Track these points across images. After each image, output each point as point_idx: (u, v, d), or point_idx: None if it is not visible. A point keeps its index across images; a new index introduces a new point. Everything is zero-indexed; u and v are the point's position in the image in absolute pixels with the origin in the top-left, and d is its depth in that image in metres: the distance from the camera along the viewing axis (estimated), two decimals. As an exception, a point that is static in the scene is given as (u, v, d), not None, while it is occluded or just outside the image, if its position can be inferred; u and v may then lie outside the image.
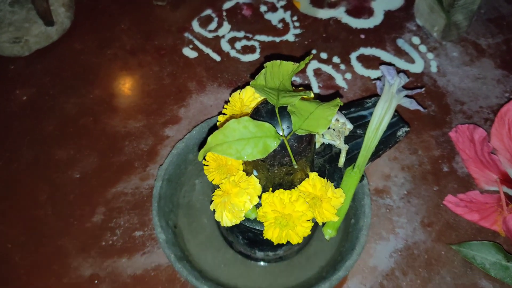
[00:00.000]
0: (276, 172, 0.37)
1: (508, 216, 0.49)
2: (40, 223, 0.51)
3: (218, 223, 0.49)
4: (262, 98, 0.39)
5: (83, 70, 0.63)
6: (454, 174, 0.55)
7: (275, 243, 0.38)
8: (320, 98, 0.42)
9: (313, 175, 0.38)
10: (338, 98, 0.36)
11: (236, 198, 0.37)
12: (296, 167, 0.35)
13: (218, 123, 0.43)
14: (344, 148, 0.42)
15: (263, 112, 0.35)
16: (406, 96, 0.49)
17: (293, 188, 0.38)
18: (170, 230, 0.47)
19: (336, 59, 0.65)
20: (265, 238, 0.38)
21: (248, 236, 0.46)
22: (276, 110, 0.34)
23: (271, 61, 0.38)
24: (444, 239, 0.51)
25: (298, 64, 0.39)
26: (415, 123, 0.59)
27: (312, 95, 0.40)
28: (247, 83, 0.62)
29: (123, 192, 0.53)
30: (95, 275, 0.48)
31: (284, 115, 0.34)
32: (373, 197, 0.53)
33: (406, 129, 0.46)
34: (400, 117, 0.47)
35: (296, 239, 0.37)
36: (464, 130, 0.55)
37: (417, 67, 0.64)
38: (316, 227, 0.41)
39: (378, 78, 0.51)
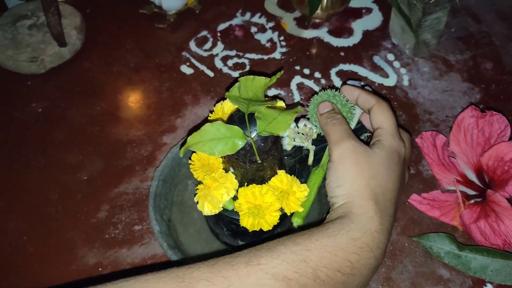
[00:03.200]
0: (248, 168, 0.44)
1: (463, 212, 0.55)
2: (51, 219, 0.58)
3: (206, 217, 0.56)
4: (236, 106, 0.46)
5: (92, 86, 0.71)
6: (420, 175, 0.62)
7: (250, 230, 0.45)
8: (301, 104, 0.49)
9: (281, 172, 0.45)
10: (298, 106, 0.43)
11: (215, 191, 0.44)
12: (259, 162, 0.42)
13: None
14: (311, 148, 0.49)
15: (236, 118, 0.42)
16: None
17: (264, 183, 0.45)
18: (164, 223, 0.54)
19: (317, 74, 0.72)
20: (241, 226, 0.45)
21: (231, 228, 0.53)
22: (246, 116, 0.41)
23: (245, 76, 0.45)
24: (408, 233, 0.57)
25: (269, 78, 0.46)
26: (387, 131, 0.66)
27: (281, 103, 0.47)
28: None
29: (125, 192, 0.60)
30: (99, 263, 0.55)
31: (252, 120, 0.41)
32: (346, 196, 0.60)
33: (368, 134, 0.52)
34: (362, 124, 0.53)
35: (266, 227, 0.44)
36: (428, 136, 0.61)
37: (390, 81, 0.71)
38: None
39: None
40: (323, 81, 0.71)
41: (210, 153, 0.39)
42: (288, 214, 0.46)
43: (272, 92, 0.70)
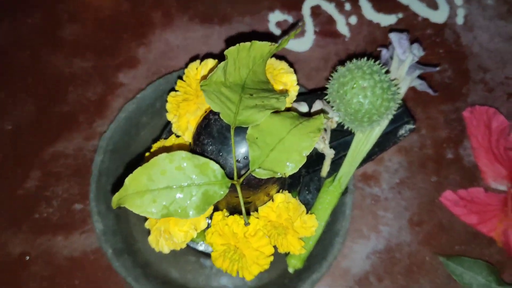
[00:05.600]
0: (230, 199, 0.28)
1: (509, 230, 0.42)
2: (-38, 186, 0.43)
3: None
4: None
5: (20, -17, 0.50)
6: (459, 162, 0.46)
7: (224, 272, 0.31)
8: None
9: (279, 201, 0.29)
10: (322, 114, 0.26)
11: (175, 227, 0.28)
12: (248, 222, 0.26)
13: (167, 104, 0.33)
14: (329, 154, 0.33)
15: (214, 131, 0.25)
16: (418, 76, 0.38)
17: (254, 211, 0.30)
18: (111, 214, 0.40)
19: (341, -4, 0.52)
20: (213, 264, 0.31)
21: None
22: (231, 132, 0.24)
23: (237, 45, 0.27)
24: (433, 243, 0.44)
25: (276, 44, 0.28)
26: (423, 93, 0.48)
27: (293, 94, 0.29)
28: (226, 20, 0.50)
29: (63, 153, 0.45)
30: (26, 253, 0.42)
31: (243, 139, 0.24)
32: (358, 184, 0.45)
33: (411, 126, 0.36)
34: (406, 108, 0.36)
35: (249, 277, 0.30)
36: (482, 112, 0.45)
37: (439, 16, 0.51)
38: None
39: (385, 45, 0.40)
40: (347, 6, 0.51)
41: (162, 216, 0.22)
42: (282, 253, 0.32)
43: (276, 16, 0.50)
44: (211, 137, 0.25)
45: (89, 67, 0.47)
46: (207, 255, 0.40)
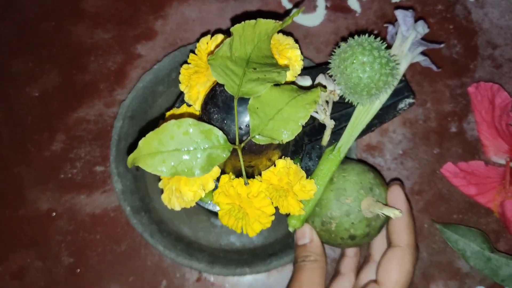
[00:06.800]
0: (235, 163, 0.31)
1: (508, 201, 0.43)
2: (-5, 147, 0.47)
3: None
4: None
5: (45, -44, 0.52)
6: (461, 136, 0.48)
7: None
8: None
9: (280, 166, 0.32)
10: (319, 87, 0.28)
11: (186, 187, 0.31)
12: (252, 186, 0.28)
13: (180, 75, 0.35)
14: (329, 125, 0.35)
15: (220, 101, 0.27)
16: (421, 53, 0.40)
17: (257, 174, 0.33)
18: (129, 175, 0.43)
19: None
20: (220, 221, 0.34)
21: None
22: (235, 102, 0.26)
23: (242, 22, 0.29)
24: (432, 211, 0.46)
25: (280, 22, 0.30)
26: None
27: (297, 68, 0.31)
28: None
29: (85, 119, 0.48)
30: (52, 209, 0.46)
31: (245, 109, 0.27)
32: (363, 154, 0.47)
33: (410, 100, 0.38)
34: (406, 83, 0.38)
35: (252, 233, 0.33)
36: (487, 88, 0.46)
37: (451, -9, 0.52)
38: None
39: (391, 22, 0.41)
40: (359, -19, 0.52)
41: (171, 174, 0.25)
42: (283, 213, 0.34)
43: (288, -10, 0.52)
44: (216, 106, 0.27)
45: (109, 38, 0.50)
46: (217, 215, 0.43)
